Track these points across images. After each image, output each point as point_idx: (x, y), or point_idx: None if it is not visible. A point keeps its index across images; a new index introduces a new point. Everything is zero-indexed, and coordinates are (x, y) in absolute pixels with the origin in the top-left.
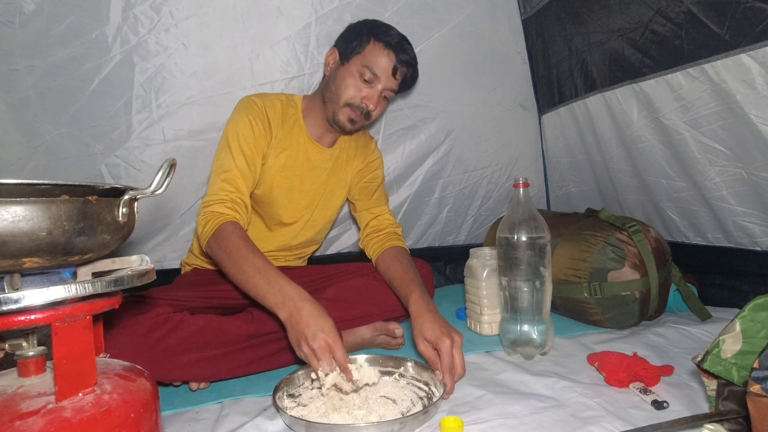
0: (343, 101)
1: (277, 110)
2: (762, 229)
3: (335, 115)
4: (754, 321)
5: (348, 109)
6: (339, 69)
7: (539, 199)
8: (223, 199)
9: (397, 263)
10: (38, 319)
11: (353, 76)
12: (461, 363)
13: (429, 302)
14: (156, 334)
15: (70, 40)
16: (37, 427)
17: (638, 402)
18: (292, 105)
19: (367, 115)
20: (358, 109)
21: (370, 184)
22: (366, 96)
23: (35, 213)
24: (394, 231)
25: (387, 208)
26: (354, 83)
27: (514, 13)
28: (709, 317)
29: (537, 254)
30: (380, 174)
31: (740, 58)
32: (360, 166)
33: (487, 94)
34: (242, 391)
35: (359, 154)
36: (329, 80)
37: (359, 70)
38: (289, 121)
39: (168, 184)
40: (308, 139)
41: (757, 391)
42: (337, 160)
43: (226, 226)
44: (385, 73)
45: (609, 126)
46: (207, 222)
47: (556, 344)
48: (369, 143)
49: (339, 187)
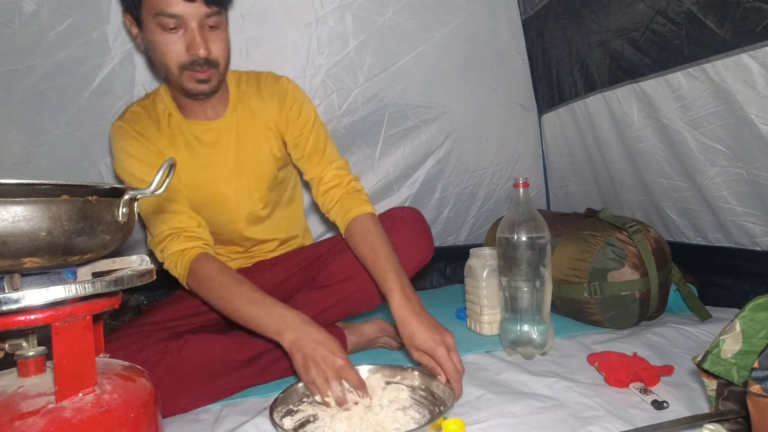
0: (174, 69)
1: (142, 119)
2: (762, 229)
3: (183, 87)
4: (754, 321)
5: (187, 73)
6: (143, 35)
7: (539, 199)
8: (171, 234)
9: (366, 245)
10: (38, 319)
11: (160, 34)
12: (459, 362)
13: (412, 300)
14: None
15: (71, 40)
16: (37, 427)
17: (638, 402)
18: (159, 99)
19: (211, 63)
20: (195, 65)
21: (300, 136)
22: (189, 45)
23: (35, 213)
24: (349, 191)
25: (331, 157)
26: (165, 42)
27: (514, 13)
28: (709, 317)
29: (537, 254)
30: (308, 117)
31: (740, 58)
32: (275, 117)
33: (487, 95)
34: (242, 392)
35: (269, 102)
36: (146, 52)
37: (159, 23)
38: (164, 120)
39: (168, 184)
40: (190, 123)
41: (757, 391)
42: (240, 124)
43: (199, 263)
44: (183, 7)
45: (609, 126)
46: (175, 264)
47: (556, 344)
48: (276, 84)
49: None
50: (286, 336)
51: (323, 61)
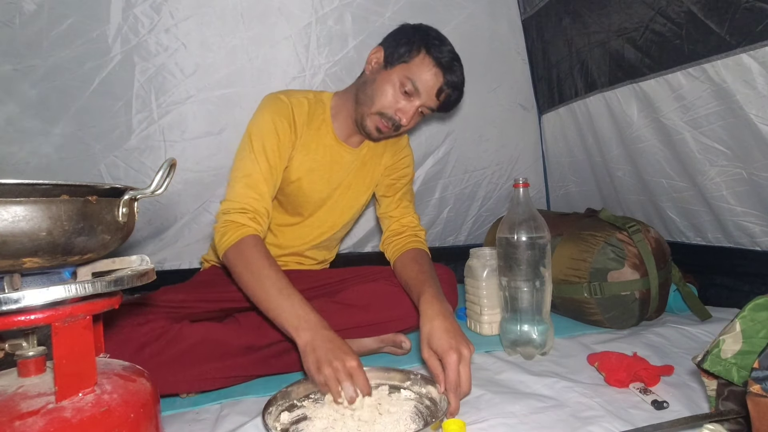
0: (376, 108)
1: (303, 109)
2: (762, 229)
3: (363, 119)
4: (754, 321)
5: (378, 118)
6: (380, 72)
7: (539, 199)
8: (245, 209)
9: (414, 263)
10: (38, 319)
11: (393, 84)
12: (467, 380)
13: (442, 303)
14: (148, 349)
15: (71, 40)
16: (37, 427)
17: (638, 402)
18: (320, 104)
19: (396, 128)
20: (390, 120)
21: (397, 182)
22: (401, 108)
23: (35, 213)
24: (416, 234)
25: (412, 209)
26: (392, 92)
27: (514, 13)
28: (709, 317)
29: (537, 254)
30: (409, 172)
31: (740, 58)
32: (388, 162)
33: (487, 94)
34: (242, 391)
35: (388, 151)
36: (367, 81)
37: (401, 80)
38: (316, 121)
39: (168, 184)
40: (335, 140)
41: (757, 391)
42: (364, 158)
43: (248, 240)
44: (428, 91)
45: (609, 126)
46: (226, 231)
47: (556, 344)
48: (400, 139)
49: (365, 186)
50: (302, 335)
51: (323, 60)
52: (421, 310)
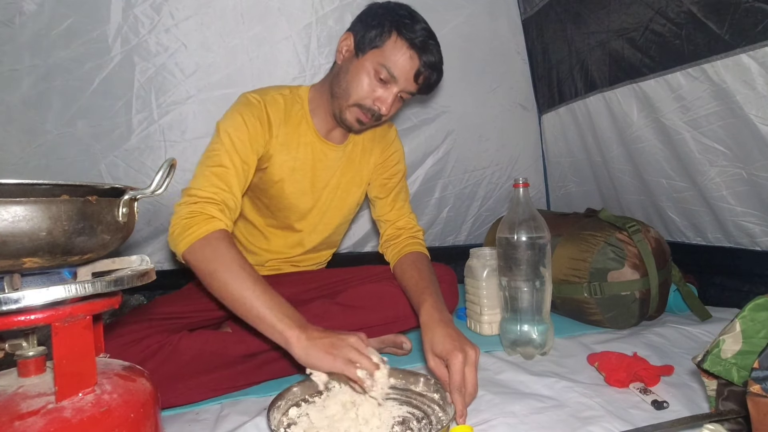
0: (353, 100)
1: (278, 107)
2: (762, 229)
3: (342, 113)
4: (754, 321)
5: (357, 109)
6: (353, 61)
7: (539, 199)
8: (213, 199)
9: (414, 269)
10: (38, 319)
11: (368, 73)
12: (473, 382)
13: (442, 312)
14: (147, 366)
15: (71, 40)
16: (37, 427)
17: (638, 402)
18: (297, 99)
19: (377, 117)
20: (369, 111)
21: (389, 181)
22: (379, 97)
23: (35, 213)
24: (414, 235)
25: (408, 209)
26: (368, 81)
27: (514, 13)
28: (709, 317)
29: (537, 254)
30: (401, 168)
31: (740, 58)
32: (378, 159)
33: (487, 94)
34: (242, 391)
35: (377, 146)
36: (340, 71)
37: (375, 68)
38: (294, 118)
39: (168, 184)
40: (316, 137)
41: (757, 391)
42: (350, 155)
43: (218, 237)
44: (405, 75)
45: (609, 126)
46: (192, 224)
47: (556, 344)
48: (387, 132)
49: (354, 185)
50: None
51: (323, 60)
52: (421, 321)
